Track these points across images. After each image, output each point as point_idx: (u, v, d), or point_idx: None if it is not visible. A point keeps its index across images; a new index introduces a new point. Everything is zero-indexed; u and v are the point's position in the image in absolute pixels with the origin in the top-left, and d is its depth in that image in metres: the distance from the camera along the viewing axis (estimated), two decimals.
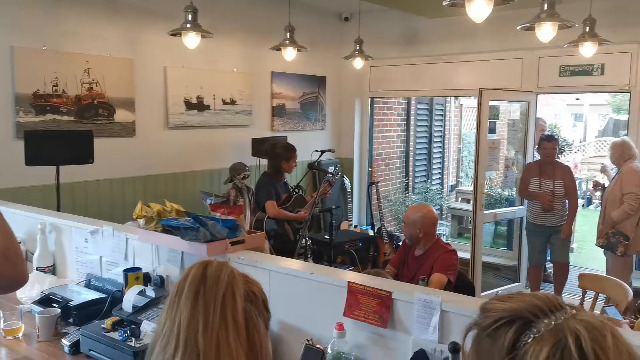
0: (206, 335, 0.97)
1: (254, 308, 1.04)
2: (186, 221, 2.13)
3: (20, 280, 1.22)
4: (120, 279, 2.30)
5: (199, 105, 4.88)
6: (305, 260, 3.90)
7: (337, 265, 4.32)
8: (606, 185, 4.67)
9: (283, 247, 4.07)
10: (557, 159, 4.88)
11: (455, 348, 1.44)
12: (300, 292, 1.89)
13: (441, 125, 8.41)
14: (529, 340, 0.66)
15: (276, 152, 4.44)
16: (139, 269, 2.29)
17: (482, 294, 4.77)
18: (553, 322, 0.66)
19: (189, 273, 1.04)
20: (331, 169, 4.71)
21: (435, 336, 1.58)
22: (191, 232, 2.08)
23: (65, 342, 1.97)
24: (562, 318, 0.67)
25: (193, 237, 2.08)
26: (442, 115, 8.39)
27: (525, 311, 0.68)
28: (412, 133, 7.61)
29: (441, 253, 3.09)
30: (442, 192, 8.11)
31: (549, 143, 4.72)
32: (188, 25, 3.56)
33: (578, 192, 5.36)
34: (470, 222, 6.92)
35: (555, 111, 14.75)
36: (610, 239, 4.32)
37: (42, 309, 2.17)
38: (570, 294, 4.91)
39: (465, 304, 1.60)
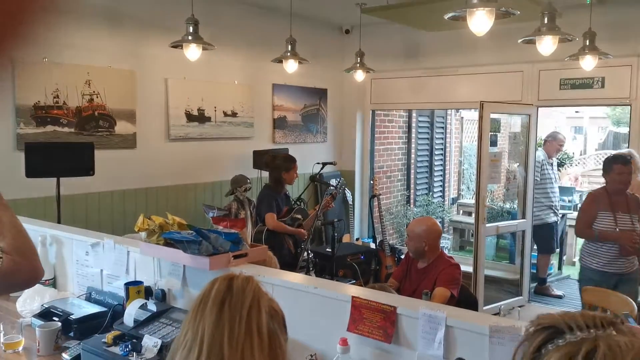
0: (231, 345, 0.98)
1: (275, 324, 1.05)
2: (188, 234, 2.13)
3: (38, 275, 1.25)
4: (122, 293, 2.29)
5: (200, 117, 4.90)
6: (307, 274, 3.89)
7: (338, 279, 4.32)
8: None
9: (284, 260, 4.06)
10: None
11: None
12: (303, 307, 1.88)
13: (442, 138, 8.43)
14: (551, 348, 0.68)
15: (276, 163, 4.44)
16: (141, 282, 2.28)
17: (484, 308, 4.75)
18: (581, 336, 0.67)
19: (213, 285, 1.05)
20: (333, 181, 4.72)
21: (440, 351, 1.57)
22: (193, 245, 2.08)
23: (66, 356, 1.96)
24: (595, 334, 0.68)
25: (195, 251, 2.08)
26: (443, 127, 8.41)
27: (563, 323, 0.71)
28: (413, 145, 7.63)
29: (444, 267, 3.09)
30: (443, 204, 8.12)
31: (625, 167, 3.51)
32: (189, 37, 3.59)
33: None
34: (472, 235, 6.91)
35: (555, 123, 14.82)
36: None
37: (42, 322, 2.16)
38: (574, 309, 4.89)
39: (470, 319, 1.60)
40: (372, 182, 5.83)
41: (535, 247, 5.62)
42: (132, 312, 2.07)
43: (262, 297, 1.04)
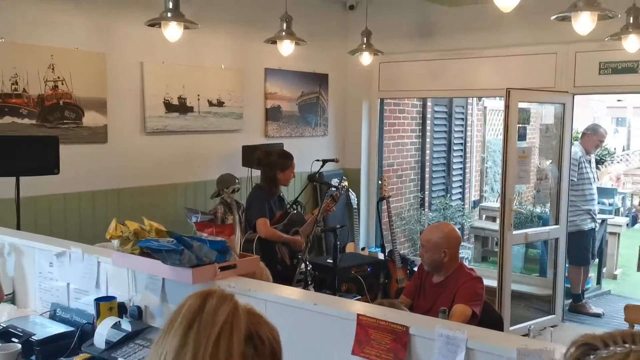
0: None
1: (256, 356, 1.02)
2: (168, 243, 2.14)
3: None
4: (91, 310, 2.30)
5: (181, 107, 4.91)
6: (305, 288, 3.90)
7: (341, 294, 4.32)
8: None
9: (278, 272, 4.07)
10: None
11: None
12: (301, 326, 1.89)
13: (462, 131, 8.43)
14: None
15: (270, 160, 4.45)
16: (113, 298, 2.29)
17: (511, 328, 4.76)
18: (614, 351, 0.74)
19: (185, 302, 1.04)
20: (335, 181, 4.72)
21: None
22: (174, 255, 2.09)
23: None
24: (630, 348, 0.75)
25: (176, 261, 2.09)
26: (463, 119, 8.41)
27: (600, 339, 0.78)
28: (428, 140, 7.63)
29: (464, 280, 3.09)
30: (463, 208, 8.13)
31: None
32: (169, 15, 3.58)
33: (621, 208, 5.38)
34: (496, 244, 6.90)
35: (594, 114, 14.82)
36: None
37: None
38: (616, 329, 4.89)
39: (495, 340, 1.61)
40: (380, 182, 5.84)
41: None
42: (103, 332, 2.08)
43: (239, 321, 1.01)
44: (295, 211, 4.81)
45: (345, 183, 4.71)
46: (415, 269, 4.03)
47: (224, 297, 1.04)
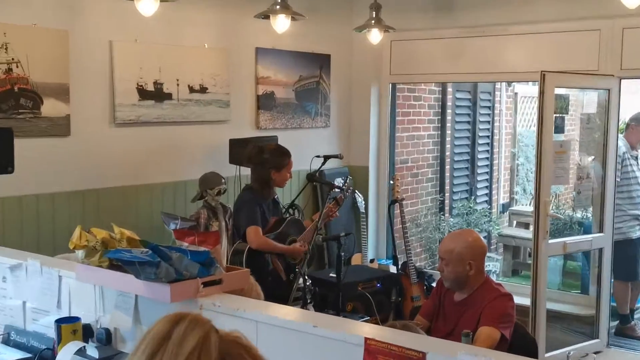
0: None
1: None
2: (142, 253, 2.14)
3: None
4: (51, 333, 2.30)
5: (157, 94, 4.90)
6: (304, 308, 3.90)
7: (346, 315, 4.32)
8: None
9: (272, 289, 4.07)
10: None
11: None
12: (298, 352, 1.90)
13: (489, 122, 8.43)
14: None
15: (263, 158, 4.45)
16: (77, 319, 2.29)
17: (547, 355, 4.76)
18: None
19: (153, 327, 1.05)
20: (338, 181, 4.72)
21: None
22: (149, 268, 2.10)
23: None
24: None
25: (151, 276, 2.10)
26: (489, 107, 8.41)
27: None
28: (449, 132, 7.63)
29: (492, 298, 3.10)
30: (490, 213, 8.13)
31: None
32: None
33: None
34: (529, 256, 6.89)
35: None
36: None
37: None
38: None
39: None
40: (392, 182, 5.82)
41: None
42: (65, 359, 2.08)
43: (209, 350, 1.01)
44: (292, 217, 4.81)
45: (351, 183, 4.71)
46: (434, 284, 4.03)
47: (195, 323, 1.05)
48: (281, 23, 4.43)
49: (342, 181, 4.69)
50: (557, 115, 5.65)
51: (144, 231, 4.44)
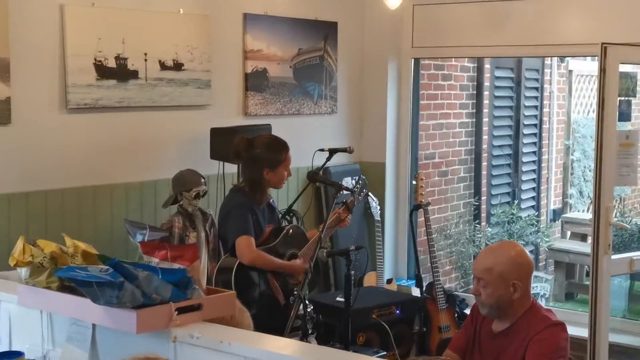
0: None
1: None
2: (101, 272, 2.14)
3: None
4: None
5: (120, 72, 4.89)
6: (304, 340, 3.89)
7: (357, 349, 4.30)
8: None
9: (265, 316, 4.07)
10: None
11: None
12: None
13: (536, 107, 8.42)
14: None
15: (254, 153, 4.44)
16: (19, 354, 2.28)
17: None
18: None
19: None
20: (347, 182, 4.71)
21: None
22: (110, 290, 2.09)
23: None
24: None
25: (113, 300, 2.09)
26: (537, 89, 8.40)
27: None
28: (486, 120, 7.63)
29: (540, 329, 3.09)
30: (537, 222, 8.12)
31: None
32: None
33: None
34: (587, 275, 6.88)
35: None
36: None
37: None
38: None
39: None
40: (414, 182, 5.81)
41: None
42: None
43: None
44: (292, 225, 4.80)
45: (365, 184, 4.70)
46: (467, 311, 4.02)
47: None
48: None
49: (353, 182, 4.68)
50: (623, 98, 5.62)
51: (103, 244, 4.44)
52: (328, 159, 5.20)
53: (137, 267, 2.15)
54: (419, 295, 5.27)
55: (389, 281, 5.98)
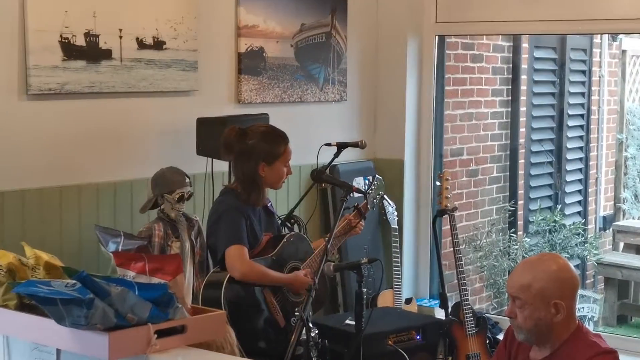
0: None
1: None
2: (67, 287, 2.14)
3: None
4: None
5: (91, 51, 4.90)
6: None
7: None
8: None
9: (265, 341, 4.07)
10: None
11: None
12: None
13: (583, 94, 8.42)
14: None
15: (248, 145, 4.45)
16: None
17: None
18: None
19: None
20: (359, 182, 4.70)
21: None
22: (77, 309, 2.09)
23: None
24: None
25: (81, 321, 2.09)
26: (584, 73, 8.39)
27: None
28: (523, 110, 7.62)
29: (587, 357, 3.09)
30: (584, 231, 8.10)
31: None
32: None
33: None
34: None
35: None
36: None
37: None
38: None
39: None
40: (438, 183, 5.81)
41: None
42: None
43: None
44: (294, 233, 4.79)
45: (381, 185, 4.69)
46: (501, 336, 4.01)
47: None
48: None
49: (367, 181, 4.67)
50: None
51: (70, 254, 4.46)
52: (336, 155, 5.21)
53: (109, 282, 2.14)
54: (444, 318, 5.28)
55: (408, 301, 5.98)
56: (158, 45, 5.18)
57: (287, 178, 4.62)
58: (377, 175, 5.06)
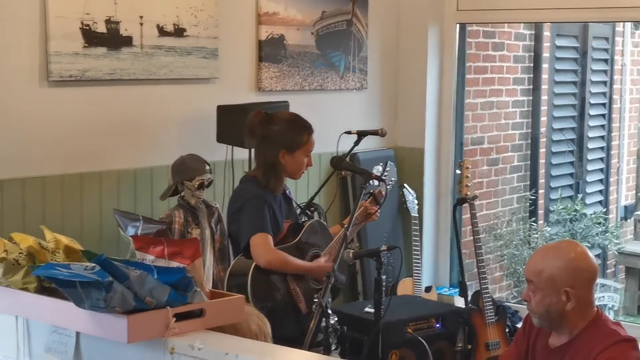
0: None
1: None
2: (86, 270, 2.14)
3: None
4: None
5: (112, 38, 4.90)
6: (328, 354, 3.87)
7: None
8: None
9: (285, 327, 4.07)
10: None
11: None
12: None
13: (605, 83, 8.36)
14: None
15: (272, 130, 4.44)
16: None
17: None
18: None
19: None
20: (378, 169, 4.70)
21: None
22: (96, 292, 2.09)
23: None
24: None
25: (100, 304, 2.10)
26: (607, 62, 8.33)
27: None
28: (545, 99, 7.57)
29: (605, 346, 3.08)
30: (605, 220, 8.06)
31: None
32: None
33: None
34: None
35: None
36: None
37: None
38: None
39: None
40: (459, 172, 5.79)
41: None
42: None
43: None
44: (314, 220, 4.78)
45: (394, 171, 4.68)
46: (519, 325, 4.00)
47: None
48: None
49: (384, 169, 4.66)
50: None
51: (89, 238, 4.48)
52: (356, 143, 5.20)
53: (128, 265, 2.14)
54: (463, 306, 5.29)
55: (428, 289, 5.98)
56: (179, 32, 5.18)
57: (306, 169, 4.61)
58: (389, 162, 5.04)
